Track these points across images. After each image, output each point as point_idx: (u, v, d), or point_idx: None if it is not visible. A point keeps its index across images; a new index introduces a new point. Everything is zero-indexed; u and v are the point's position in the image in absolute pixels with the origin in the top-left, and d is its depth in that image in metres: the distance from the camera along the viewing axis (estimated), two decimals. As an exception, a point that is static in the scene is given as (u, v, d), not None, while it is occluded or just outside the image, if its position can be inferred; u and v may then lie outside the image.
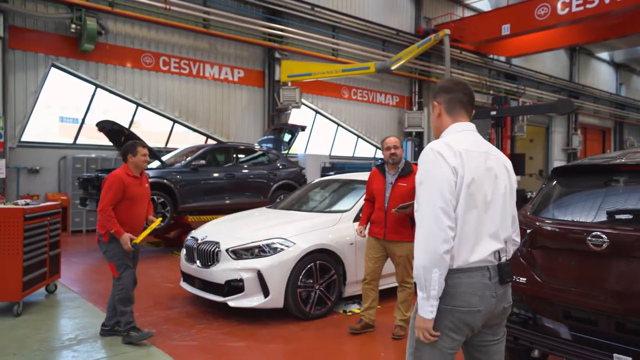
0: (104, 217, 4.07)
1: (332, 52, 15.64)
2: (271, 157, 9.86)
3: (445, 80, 2.21)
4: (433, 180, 1.90)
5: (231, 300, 4.65)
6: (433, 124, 2.19)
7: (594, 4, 14.76)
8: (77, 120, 11.99)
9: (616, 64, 30.94)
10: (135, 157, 4.28)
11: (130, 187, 4.20)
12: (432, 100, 2.19)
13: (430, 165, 1.92)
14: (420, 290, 1.87)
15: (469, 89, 2.12)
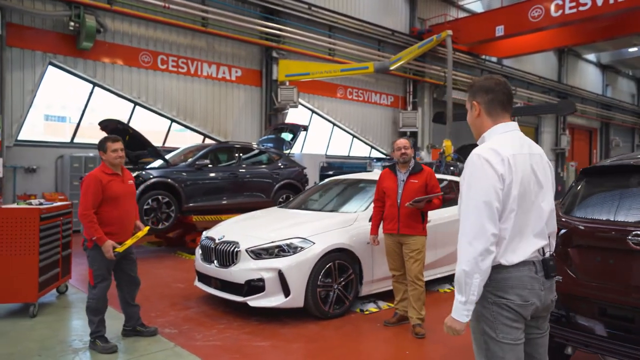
0: (85, 222, 3.85)
1: (329, 52, 15.68)
2: (273, 156, 9.86)
3: (484, 79, 2.16)
4: (479, 188, 1.94)
5: (251, 300, 4.65)
6: (471, 122, 2.19)
7: (586, 7, 15.02)
8: (65, 119, 11.84)
9: (602, 66, 31.51)
10: (106, 154, 4.02)
11: (110, 185, 3.96)
12: (471, 99, 2.16)
13: (477, 172, 1.95)
14: (459, 293, 1.93)
15: (508, 88, 2.13)
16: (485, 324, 2.00)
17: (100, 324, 4.02)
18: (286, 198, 9.54)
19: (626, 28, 18.12)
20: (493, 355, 2.02)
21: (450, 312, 1.98)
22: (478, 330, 2.04)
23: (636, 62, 31.79)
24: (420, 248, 4.49)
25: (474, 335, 2.08)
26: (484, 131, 2.13)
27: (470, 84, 2.20)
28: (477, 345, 2.07)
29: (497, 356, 2.01)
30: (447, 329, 2.00)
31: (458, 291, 1.94)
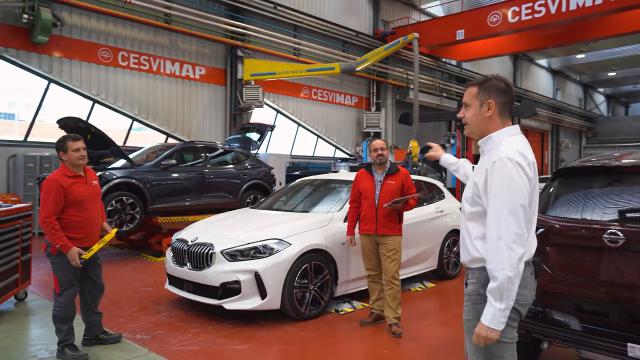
0: (47, 229, 3.60)
1: (294, 52, 15.63)
2: (240, 156, 9.72)
3: (498, 79, 2.16)
4: (515, 191, 1.94)
5: (227, 302, 4.56)
6: (477, 119, 2.16)
7: (540, 14, 15.66)
8: (13, 116, 11.26)
9: (553, 71, 32.97)
10: (67, 155, 3.76)
11: (73, 189, 3.72)
12: (484, 97, 2.13)
13: (512, 175, 1.95)
14: (497, 301, 1.89)
15: (514, 94, 2.18)
16: None
17: (69, 332, 3.82)
18: (254, 199, 9.44)
19: (575, 36, 19.06)
20: (492, 354, 2.04)
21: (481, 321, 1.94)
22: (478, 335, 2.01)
23: (583, 68, 33.48)
24: (397, 248, 4.55)
25: (472, 334, 2.05)
26: (490, 131, 2.13)
27: (482, 82, 2.17)
28: (475, 345, 2.04)
29: (497, 355, 2.03)
30: (480, 339, 1.94)
31: (497, 298, 1.89)
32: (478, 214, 2.10)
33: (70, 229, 3.73)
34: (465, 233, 2.18)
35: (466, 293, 2.17)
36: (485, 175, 2.03)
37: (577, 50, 27.60)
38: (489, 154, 2.11)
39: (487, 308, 1.94)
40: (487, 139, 2.15)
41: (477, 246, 2.09)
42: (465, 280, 2.24)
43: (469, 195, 2.15)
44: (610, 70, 33.16)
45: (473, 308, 2.08)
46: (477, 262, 2.10)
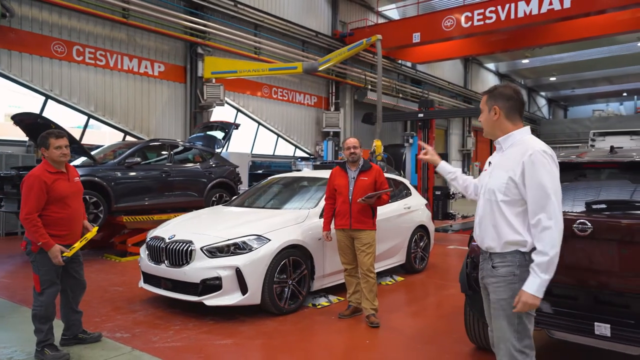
0: (29, 226, 3.54)
1: (255, 51, 15.61)
2: (205, 155, 9.64)
3: (505, 86, 2.46)
4: (555, 179, 2.25)
5: (207, 299, 4.58)
6: (488, 124, 2.48)
7: (491, 20, 16.44)
8: None
9: (500, 75, 34.56)
10: (49, 151, 3.68)
11: (56, 185, 3.66)
12: (492, 103, 2.44)
13: (549, 166, 2.26)
14: (545, 272, 2.19)
15: (522, 96, 2.46)
16: None
17: (49, 332, 3.74)
18: (219, 197, 9.39)
19: (521, 42, 20.20)
20: (523, 328, 2.31)
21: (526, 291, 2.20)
22: (512, 307, 2.27)
23: (527, 72, 35.32)
24: (371, 242, 4.72)
25: (505, 312, 2.31)
26: (505, 131, 2.42)
27: (491, 90, 2.48)
28: (508, 321, 2.31)
29: (526, 328, 2.32)
30: (526, 306, 2.21)
31: (544, 271, 2.18)
32: (512, 202, 2.33)
33: (52, 226, 3.65)
34: (498, 220, 2.37)
35: (497, 275, 2.37)
36: (522, 166, 2.28)
37: (522, 55, 29.13)
38: (513, 149, 2.38)
39: (532, 279, 2.21)
40: (507, 136, 2.43)
41: (518, 229, 2.31)
42: (489, 265, 2.43)
43: (502, 184, 2.36)
44: (551, 75, 35.18)
45: (508, 288, 2.31)
46: (513, 245, 2.33)
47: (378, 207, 4.90)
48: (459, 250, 9.17)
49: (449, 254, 8.82)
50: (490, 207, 2.42)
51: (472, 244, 3.65)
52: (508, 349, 2.32)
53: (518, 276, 2.30)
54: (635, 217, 3.03)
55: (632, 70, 32.92)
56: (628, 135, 19.07)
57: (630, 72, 33.71)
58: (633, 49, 27.42)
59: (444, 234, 11.39)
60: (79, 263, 4.02)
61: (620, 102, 44.87)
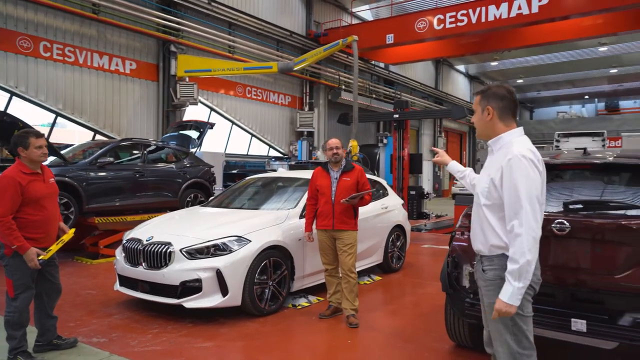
0: (2, 229, 3.41)
1: (229, 50, 15.46)
2: (180, 154, 9.49)
3: (498, 86, 2.45)
4: (531, 185, 2.23)
5: (187, 301, 4.51)
6: (481, 124, 2.48)
7: (463, 23, 16.75)
8: None
9: (470, 76, 35.31)
10: (28, 150, 3.57)
11: (31, 186, 3.54)
12: (485, 103, 2.43)
13: (527, 171, 2.24)
14: (517, 280, 2.19)
15: (516, 98, 2.46)
16: None
17: (22, 339, 3.61)
18: (194, 198, 9.27)
19: (490, 45, 20.71)
20: (519, 329, 2.33)
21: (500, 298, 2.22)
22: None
23: (496, 74, 36.16)
24: (353, 242, 4.75)
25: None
26: (497, 133, 2.42)
27: (484, 90, 2.47)
28: (503, 324, 2.32)
29: (522, 329, 2.33)
30: (500, 314, 2.22)
31: (516, 279, 2.18)
32: (494, 206, 2.36)
33: (28, 228, 3.52)
34: (484, 223, 2.41)
35: (487, 279, 2.41)
36: (501, 171, 2.29)
37: (491, 58, 29.84)
38: (499, 152, 2.39)
39: (506, 286, 2.22)
40: (497, 139, 2.43)
41: (500, 234, 2.34)
42: (480, 267, 2.47)
43: (484, 188, 2.39)
44: (518, 77, 36.12)
45: (498, 291, 2.31)
46: (498, 249, 2.36)
47: (361, 207, 4.92)
48: (434, 249, 9.33)
49: (424, 253, 8.96)
50: (477, 211, 2.47)
51: (454, 244, 3.73)
52: (507, 351, 2.36)
53: (505, 279, 2.30)
54: (609, 217, 3.15)
55: (594, 74, 34.19)
56: (590, 137, 19.86)
57: (591, 76, 34.98)
58: (594, 53, 28.46)
59: (417, 233, 11.55)
60: (55, 266, 3.90)
61: (582, 105, 46.51)
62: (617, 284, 3.02)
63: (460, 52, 22.83)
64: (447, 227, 12.09)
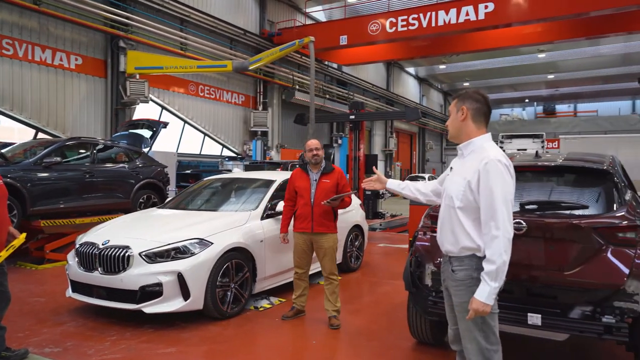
0: None
1: (181, 47, 15.09)
2: (131, 154, 9.17)
3: (474, 91, 2.54)
4: (505, 188, 2.32)
5: (147, 306, 4.39)
6: (454, 125, 2.55)
7: (414, 27, 17.21)
8: None
9: (419, 79, 36.30)
10: None
11: None
12: (460, 104, 2.52)
13: (501, 175, 2.33)
14: (494, 281, 2.29)
15: (489, 103, 2.54)
16: None
17: None
18: (147, 199, 9.00)
19: (439, 49, 21.44)
20: (488, 326, 2.42)
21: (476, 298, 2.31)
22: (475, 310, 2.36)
23: (443, 77, 37.47)
24: (333, 245, 4.67)
25: (468, 314, 2.38)
26: (469, 135, 2.50)
27: (460, 94, 2.54)
28: (473, 322, 2.41)
29: (491, 326, 2.44)
30: (477, 313, 2.30)
31: (493, 279, 2.28)
32: (468, 208, 2.42)
33: None
34: (455, 225, 2.48)
35: (457, 279, 2.49)
36: (478, 175, 2.37)
37: (440, 61, 30.84)
38: (472, 156, 2.46)
39: (482, 287, 2.30)
40: (468, 143, 2.51)
41: (472, 235, 2.41)
42: (449, 268, 2.55)
43: (459, 191, 2.45)
44: (464, 80, 37.54)
45: (469, 291, 2.40)
46: (468, 250, 2.44)
47: (341, 209, 4.82)
48: (389, 248, 9.53)
49: (380, 252, 9.13)
50: (449, 213, 2.53)
51: (417, 244, 3.84)
52: (476, 347, 2.45)
53: (476, 279, 2.39)
54: (561, 216, 3.35)
55: (533, 79, 36.14)
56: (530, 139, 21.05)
57: (531, 81, 36.95)
58: (534, 59, 30.08)
59: (372, 232, 11.74)
60: (3, 274, 3.70)
61: (523, 108, 49.01)
62: (568, 279, 3.22)
63: (411, 55, 23.49)
64: (401, 226, 12.38)
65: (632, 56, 29.13)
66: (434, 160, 40.20)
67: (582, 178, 3.64)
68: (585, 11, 14.97)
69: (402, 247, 9.40)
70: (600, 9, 14.70)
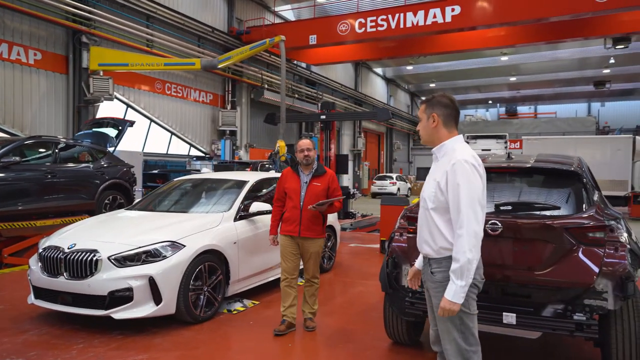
0: None
1: (147, 43, 14.72)
2: (96, 154, 8.86)
3: (442, 95, 2.58)
4: (473, 188, 2.35)
5: (116, 312, 4.23)
6: (425, 130, 2.60)
7: (383, 28, 17.39)
8: None
9: (387, 79, 36.68)
10: None
11: None
12: (430, 111, 2.55)
13: (469, 175, 2.36)
14: (459, 279, 2.31)
15: (457, 106, 2.59)
16: (462, 303, 2.37)
17: None
18: (113, 200, 8.73)
19: (406, 50, 21.76)
20: (466, 327, 2.44)
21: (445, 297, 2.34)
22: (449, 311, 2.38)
23: (410, 78, 37.99)
24: (319, 250, 4.50)
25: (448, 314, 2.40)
26: (441, 139, 2.54)
27: (429, 99, 2.58)
28: (452, 323, 2.43)
29: (469, 327, 2.45)
30: (445, 312, 2.32)
31: (459, 277, 2.30)
32: (440, 209, 2.46)
33: None
34: (431, 226, 2.51)
35: (435, 281, 2.51)
36: (446, 176, 2.41)
37: (407, 62, 31.25)
38: (444, 159, 2.50)
39: (450, 285, 2.34)
40: (440, 146, 2.55)
41: (446, 235, 2.44)
42: (429, 270, 2.56)
43: (431, 192, 2.49)
44: (431, 81, 38.20)
45: None
46: (445, 250, 2.46)
47: (330, 213, 4.68)
48: (360, 248, 9.57)
49: (351, 252, 9.16)
50: (425, 215, 2.58)
51: (393, 245, 3.85)
52: (455, 348, 2.48)
53: None
54: (535, 217, 3.42)
55: (496, 81, 37.15)
56: (494, 139, 21.66)
57: (494, 83, 37.98)
58: (497, 62, 30.91)
59: (343, 232, 11.77)
60: None
61: (487, 109, 50.31)
62: (541, 279, 3.29)
63: (379, 56, 23.72)
64: (371, 225, 12.47)
65: (587, 61, 30.38)
66: (402, 160, 40.74)
67: (553, 179, 3.74)
68: (546, 16, 15.53)
69: (373, 247, 9.46)
70: (559, 15, 15.29)
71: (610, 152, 16.98)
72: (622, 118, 42.35)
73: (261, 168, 12.77)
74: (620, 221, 3.43)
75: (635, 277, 3.18)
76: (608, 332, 3.26)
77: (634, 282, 3.15)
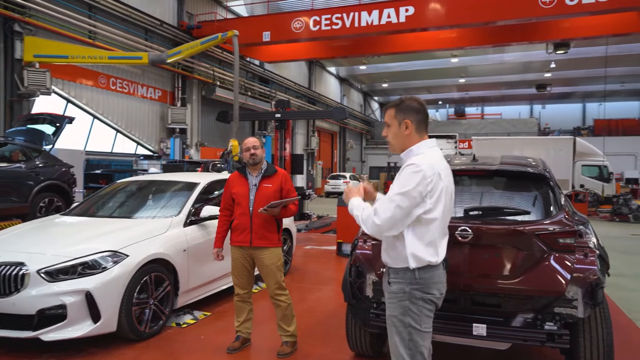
0: None
1: (89, 35, 13.82)
2: (30, 152, 8.13)
3: (411, 99, 2.42)
4: (405, 190, 2.21)
5: (46, 333, 3.75)
6: (398, 138, 2.41)
7: (337, 26, 17.24)
8: None
9: (340, 78, 36.72)
10: None
11: None
12: (401, 117, 2.38)
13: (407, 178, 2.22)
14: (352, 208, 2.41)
15: (427, 109, 2.45)
16: (412, 318, 2.25)
17: None
18: (49, 203, 8.04)
19: (360, 49, 21.78)
20: (415, 344, 2.27)
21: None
22: (403, 324, 2.26)
23: (363, 78, 38.23)
24: (276, 262, 4.00)
25: (397, 329, 2.29)
26: (410, 145, 2.37)
27: (398, 104, 2.40)
28: (400, 337, 2.29)
29: (419, 344, 2.28)
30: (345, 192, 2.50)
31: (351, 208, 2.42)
32: None
33: None
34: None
35: (390, 292, 2.36)
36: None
37: (360, 62, 31.36)
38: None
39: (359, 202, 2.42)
40: (408, 151, 2.38)
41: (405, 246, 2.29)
42: (386, 280, 2.41)
43: None
44: (383, 81, 38.60)
45: (399, 305, 2.29)
46: (402, 261, 2.30)
47: (285, 218, 4.19)
48: (316, 250, 9.34)
49: (307, 254, 8.90)
50: None
51: (357, 252, 3.60)
52: None
53: (408, 293, 2.30)
54: (505, 222, 3.28)
55: (446, 82, 38.03)
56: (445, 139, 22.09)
57: (444, 84, 38.87)
58: (447, 64, 31.59)
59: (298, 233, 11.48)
60: None
61: (437, 110, 51.52)
62: (513, 287, 3.15)
63: (333, 54, 23.63)
64: (326, 226, 12.27)
65: (531, 64, 31.64)
66: (355, 159, 40.92)
67: (520, 182, 3.62)
68: (493, 20, 15.98)
69: (330, 248, 9.25)
70: (505, 19, 15.80)
71: (554, 152, 17.62)
72: (561, 120, 44.57)
73: (213, 168, 12.27)
74: (587, 225, 3.35)
75: (604, 283, 3.10)
76: (576, 340, 3.17)
77: (602, 289, 3.07)
